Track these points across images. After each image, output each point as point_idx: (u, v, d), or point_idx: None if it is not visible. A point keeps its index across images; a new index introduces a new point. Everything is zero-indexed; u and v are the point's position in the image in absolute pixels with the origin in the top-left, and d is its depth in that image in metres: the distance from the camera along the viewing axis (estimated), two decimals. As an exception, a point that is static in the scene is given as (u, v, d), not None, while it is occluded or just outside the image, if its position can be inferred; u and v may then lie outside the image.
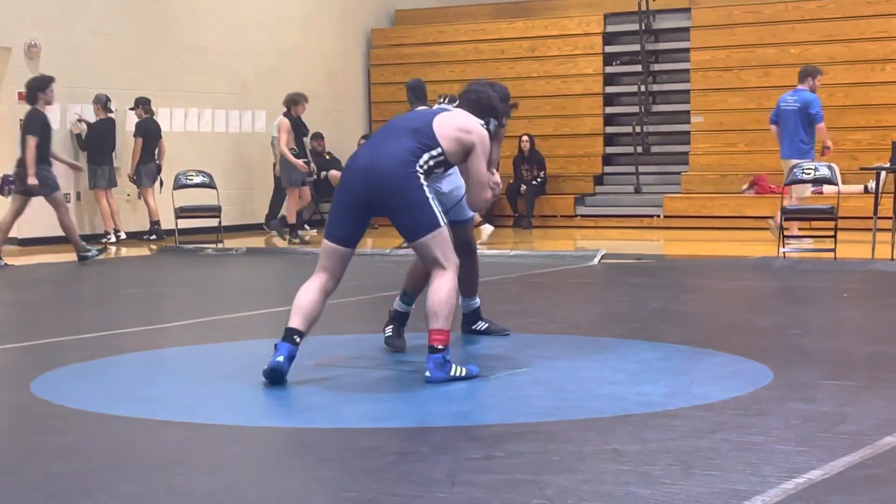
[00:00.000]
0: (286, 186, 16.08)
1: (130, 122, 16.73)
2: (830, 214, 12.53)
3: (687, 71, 18.84)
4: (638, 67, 19.15)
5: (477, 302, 7.46)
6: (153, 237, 16.44)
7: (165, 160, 16.70)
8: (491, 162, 6.29)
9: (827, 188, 13.29)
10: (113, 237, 16.17)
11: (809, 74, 13.95)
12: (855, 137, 16.81)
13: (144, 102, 16.57)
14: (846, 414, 5.14)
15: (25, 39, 15.80)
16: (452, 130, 6.10)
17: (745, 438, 4.72)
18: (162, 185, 16.55)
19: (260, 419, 5.38)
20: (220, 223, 15.33)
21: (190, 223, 15.71)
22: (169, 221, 15.76)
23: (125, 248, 15.67)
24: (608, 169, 19.30)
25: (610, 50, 19.53)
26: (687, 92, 18.80)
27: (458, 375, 5.94)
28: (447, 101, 8.58)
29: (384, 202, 6.00)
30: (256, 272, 12.85)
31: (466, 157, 6.15)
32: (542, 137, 18.93)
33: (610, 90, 19.50)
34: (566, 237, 16.60)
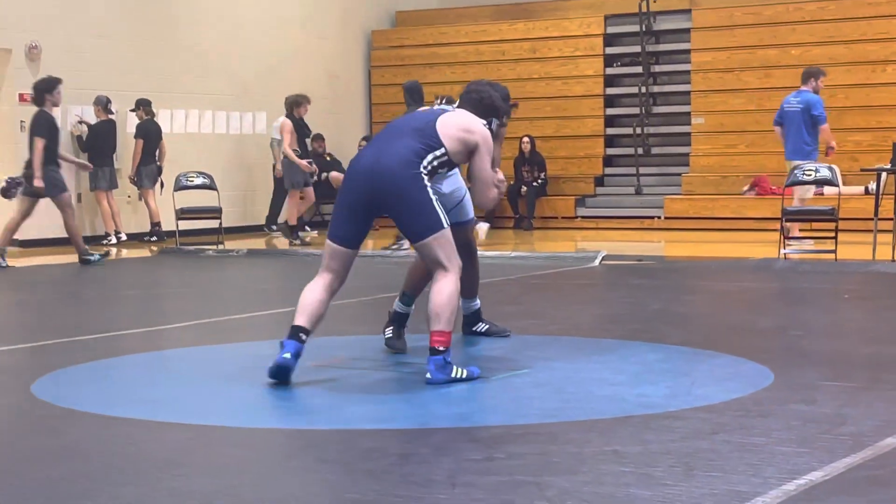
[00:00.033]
0: (288, 189, 16.07)
1: (131, 123, 16.74)
2: (831, 216, 12.53)
3: (688, 72, 18.85)
4: (639, 69, 19.15)
5: (477, 303, 7.46)
6: (154, 239, 16.44)
7: (166, 162, 16.71)
8: (494, 161, 6.30)
9: (828, 189, 13.28)
10: (114, 239, 16.18)
11: (812, 75, 13.94)
12: (856, 139, 16.81)
13: (145, 104, 16.58)
14: (847, 415, 5.14)
15: (26, 41, 15.80)
16: (456, 130, 6.11)
17: (746, 440, 4.72)
18: (163, 186, 16.55)
19: (261, 420, 5.38)
20: (220, 225, 15.35)
21: (191, 225, 15.72)
22: (170, 223, 15.76)
23: (126, 249, 15.67)
24: (609, 170, 19.30)
25: (611, 51, 19.53)
26: (687, 93, 18.81)
27: (458, 377, 5.94)
28: (444, 101, 8.58)
29: (388, 203, 6.00)
30: (257, 274, 12.85)
31: (470, 156, 6.16)
32: (542, 139, 18.94)
33: (611, 91, 19.51)
34: (567, 238, 16.59)
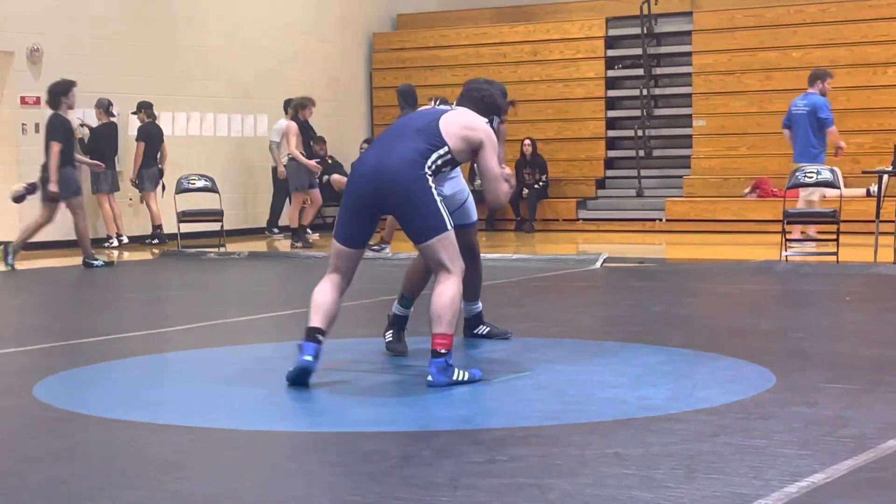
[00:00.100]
0: (292, 191, 16.08)
1: (132, 126, 16.75)
2: (833, 218, 12.53)
3: (689, 74, 18.85)
4: (640, 71, 19.16)
5: (479, 306, 7.46)
6: (155, 241, 16.45)
7: (167, 164, 16.72)
8: (499, 159, 6.31)
9: (829, 192, 13.28)
10: (115, 241, 16.18)
11: (819, 77, 13.92)
12: (857, 141, 16.80)
13: (146, 106, 16.59)
14: (848, 417, 5.14)
15: (27, 44, 15.82)
16: (459, 129, 6.11)
17: (747, 442, 4.72)
18: (164, 189, 16.56)
19: (262, 423, 5.37)
20: (222, 227, 15.37)
21: (192, 227, 15.74)
22: (171, 225, 15.76)
23: (127, 252, 15.67)
24: (610, 172, 19.30)
25: (612, 53, 19.54)
26: (689, 95, 18.82)
27: (460, 379, 5.94)
28: (438, 103, 8.58)
29: (392, 204, 6.01)
30: (258, 276, 12.85)
31: (474, 155, 6.17)
32: (544, 141, 18.95)
33: (612, 94, 19.51)
34: (568, 241, 16.59)
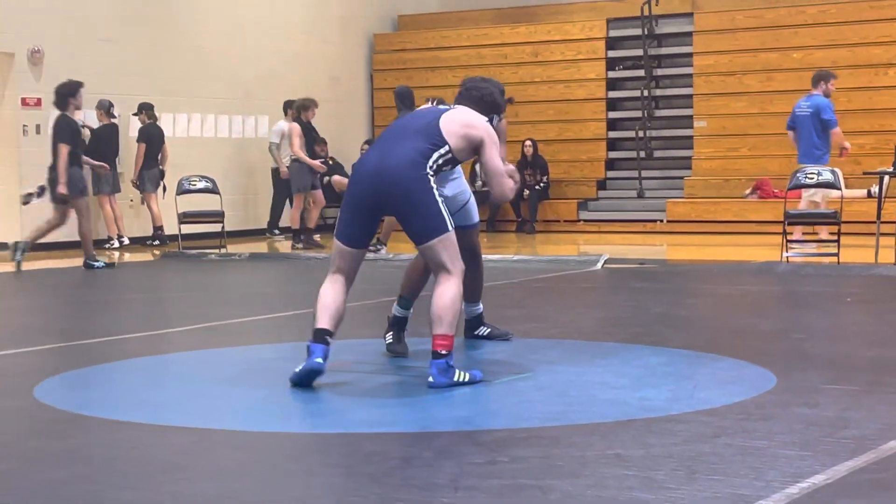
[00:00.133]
0: (294, 193, 16.08)
1: (133, 127, 16.76)
2: (834, 219, 12.53)
3: (690, 75, 18.86)
4: (641, 72, 19.16)
5: (480, 308, 7.45)
6: (156, 242, 16.45)
7: (168, 165, 16.73)
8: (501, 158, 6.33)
9: (831, 193, 13.27)
10: (116, 243, 16.18)
11: (822, 79, 13.91)
12: (858, 142, 16.77)
13: (147, 108, 16.60)
14: (849, 418, 5.14)
15: (28, 45, 15.82)
16: (459, 127, 6.12)
17: (748, 443, 4.72)
18: (165, 190, 16.56)
19: (263, 424, 5.37)
20: (223, 228, 15.38)
21: (193, 228, 15.74)
22: (172, 227, 15.77)
23: (128, 253, 15.68)
24: (611, 174, 19.30)
25: (613, 55, 19.54)
26: (690, 96, 18.82)
27: (461, 380, 5.93)
28: (436, 103, 8.57)
29: (394, 204, 6.01)
30: (259, 277, 12.85)
31: (474, 153, 6.17)
32: (545, 142, 18.95)
33: (613, 95, 19.51)
34: (569, 242, 16.60)
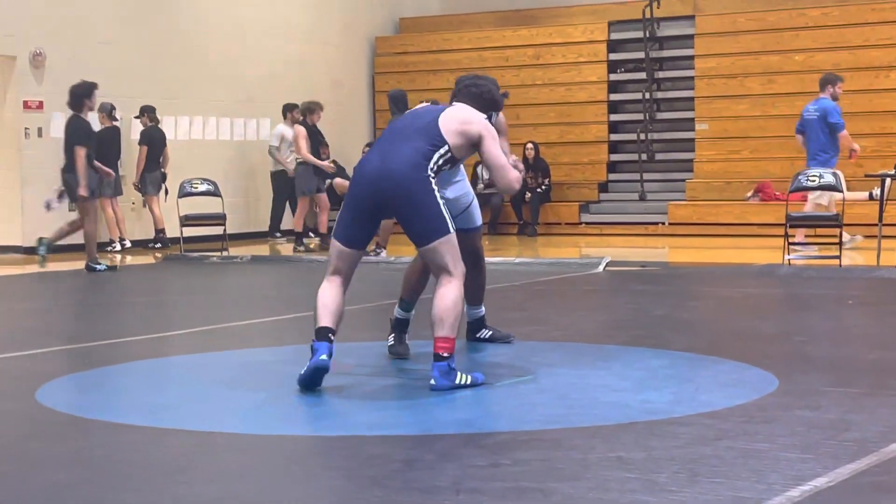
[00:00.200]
0: (299, 195, 16.09)
1: (135, 130, 16.77)
2: (835, 221, 12.52)
3: (691, 78, 18.85)
4: (642, 75, 19.16)
5: (482, 310, 7.45)
6: (158, 245, 16.45)
7: (170, 168, 16.73)
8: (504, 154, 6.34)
9: (836, 195, 13.27)
10: (118, 245, 16.18)
11: (829, 82, 13.91)
12: (859, 144, 16.76)
13: (149, 111, 16.61)
14: (851, 421, 5.14)
15: (30, 48, 15.83)
16: (456, 125, 6.12)
17: (750, 446, 4.72)
18: (167, 193, 16.56)
19: (265, 427, 5.38)
20: (224, 231, 15.38)
21: (195, 231, 15.73)
22: (174, 229, 15.78)
23: (130, 256, 15.68)
24: (613, 176, 19.30)
25: (614, 57, 19.54)
26: (691, 99, 18.82)
27: (463, 383, 5.93)
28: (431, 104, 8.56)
29: (395, 206, 6.01)
30: (261, 280, 12.85)
31: (472, 149, 6.17)
32: (546, 145, 18.94)
33: (614, 98, 19.50)
34: (571, 245, 16.60)
